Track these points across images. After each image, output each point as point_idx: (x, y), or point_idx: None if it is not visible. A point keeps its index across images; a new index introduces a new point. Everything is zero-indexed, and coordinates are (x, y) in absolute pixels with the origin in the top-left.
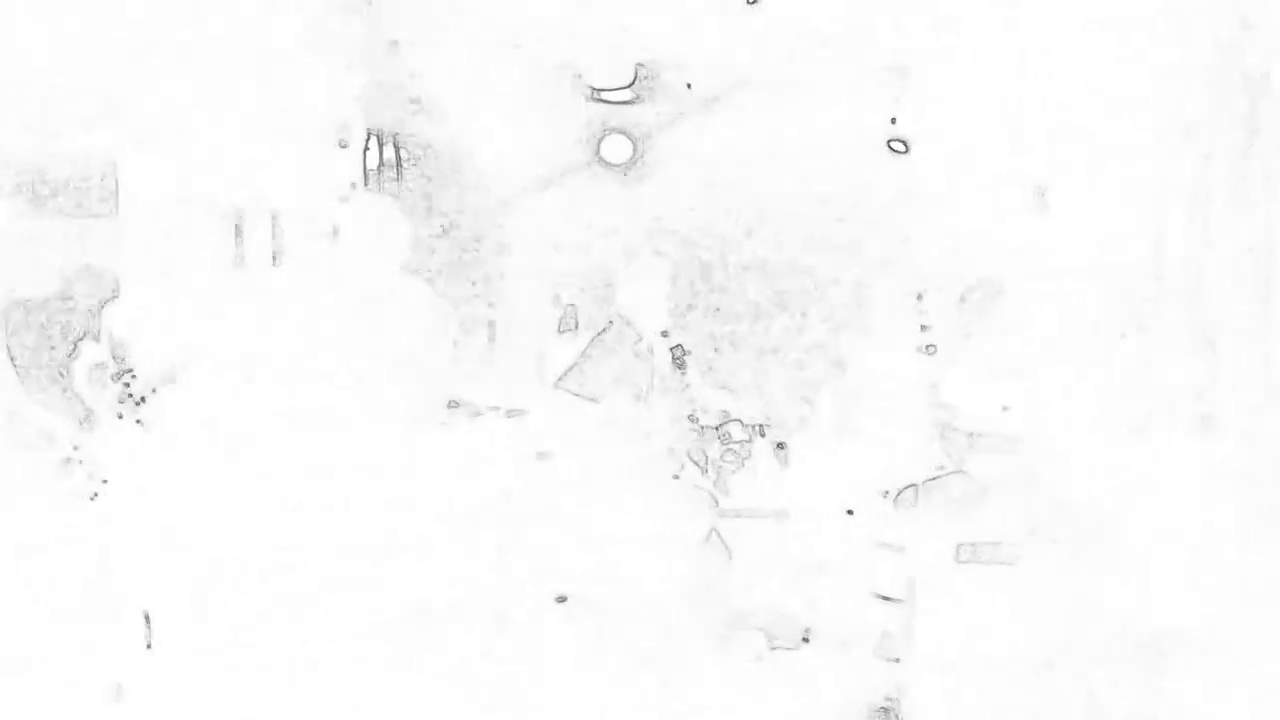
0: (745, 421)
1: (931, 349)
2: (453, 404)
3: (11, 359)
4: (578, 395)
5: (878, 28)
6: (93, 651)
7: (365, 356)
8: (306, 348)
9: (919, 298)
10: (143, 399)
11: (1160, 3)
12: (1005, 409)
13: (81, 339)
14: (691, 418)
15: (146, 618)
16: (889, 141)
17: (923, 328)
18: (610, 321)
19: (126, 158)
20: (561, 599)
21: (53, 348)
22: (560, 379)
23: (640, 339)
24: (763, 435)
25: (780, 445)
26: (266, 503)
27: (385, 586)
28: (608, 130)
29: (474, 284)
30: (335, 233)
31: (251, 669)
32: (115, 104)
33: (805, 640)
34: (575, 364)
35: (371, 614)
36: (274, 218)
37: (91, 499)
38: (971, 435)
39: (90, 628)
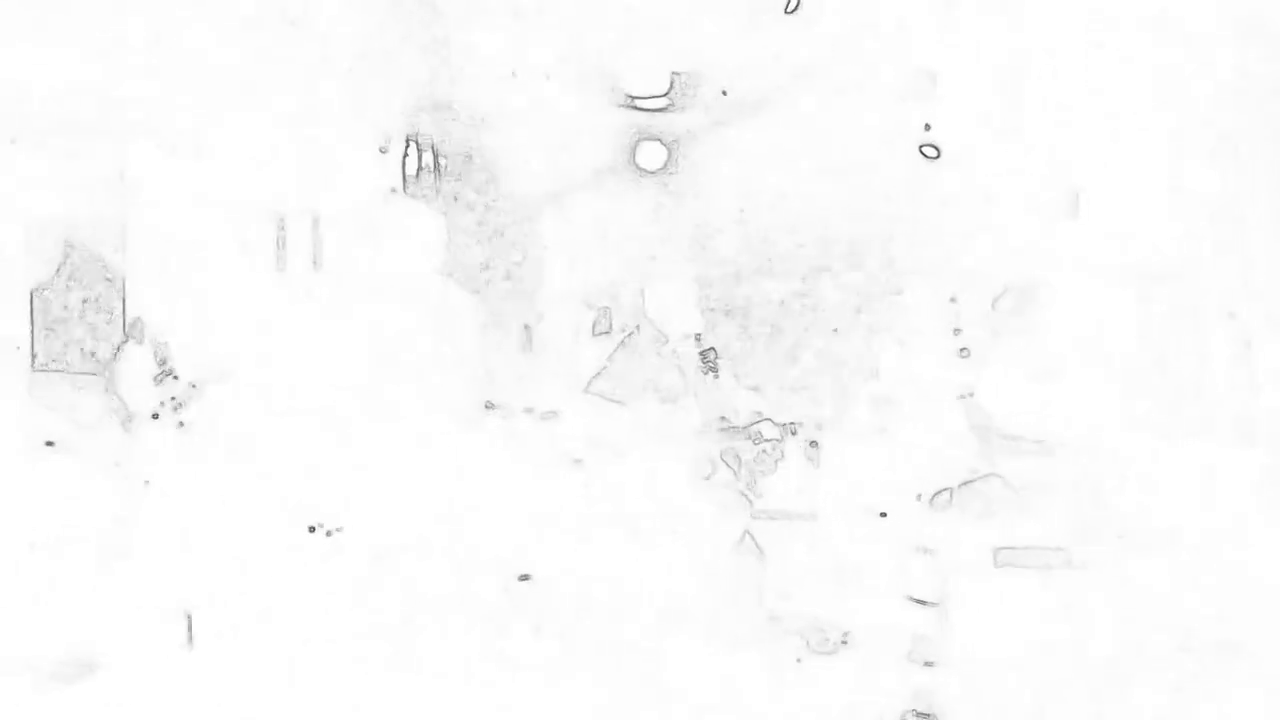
0: (776, 421)
1: (965, 352)
2: (489, 405)
3: (54, 361)
4: (607, 399)
5: (911, 35)
6: (136, 649)
7: (403, 358)
8: (345, 350)
9: (953, 301)
10: (184, 401)
11: (1195, 8)
12: (1040, 412)
13: (124, 342)
14: (723, 420)
15: (189, 617)
16: (921, 147)
17: (956, 331)
18: (637, 325)
19: (171, 163)
20: (524, 577)
21: (94, 353)
22: (589, 383)
23: (667, 341)
24: (794, 434)
25: (813, 444)
26: (306, 502)
27: (421, 585)
28: (642, 136)
29: (510, 287)
30: (375, 237)
31: (291, 666)
32: (161, 109)
33: (844, 643)
34: (604, 368)
35: (408, 611)
36: (315, 222)
37: (134, 499)
38: (1006, 438)
39: (133, 626)
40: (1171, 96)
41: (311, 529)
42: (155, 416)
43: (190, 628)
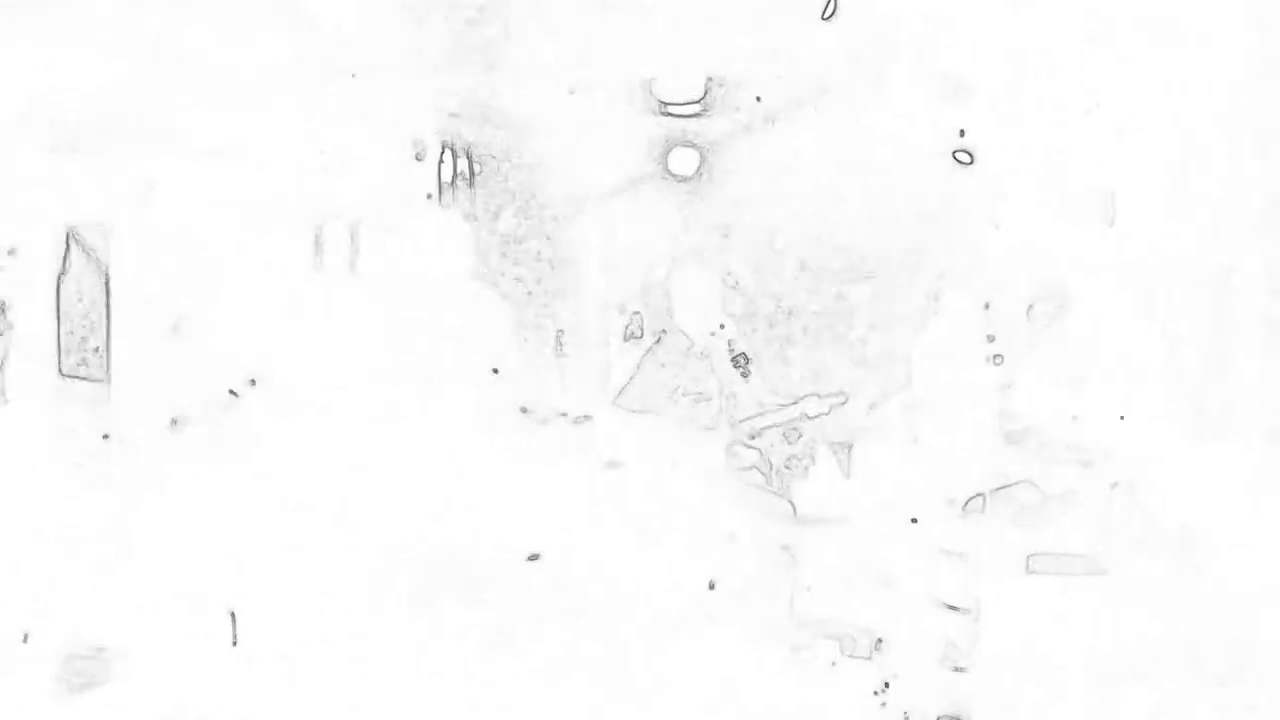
0: (810, 415)
1: (999, 359)
2: (523, 410)
3: (82, 365)
4: (636, 411)
5: (945, 41)
6: (180, 647)
7: (438, 363)
8: (381, 354)
9: (986, 307)
10: (220, 404)
11: (1230, 12)
12: (1074, 419)
13: (162, 347)
14: (754, 426)
15: (232, 615)
16: (954, 153)
17: (990, 338)
18: (663, 331)
19: (209, 168)
20: (534, 557)
21: (139, 354)
22: (617, 396)
23: (692, 345)
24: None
25: (843, 445)
26: (342, 505)
27: (454, 589)
28: (675, 143)
29: (543, 292)
30: (410, 242)
31: (333, 665)
32: (199, 115)
33: (878, 649)
34: (630, 380)
35: (441, 614)
36: (352, 227)
37: (178, 500)
38: (1040, 445)
39: (178, 624)
40: (1207, 101)
41: (344, 532)
42: (190, 420)
43: (234, 626)
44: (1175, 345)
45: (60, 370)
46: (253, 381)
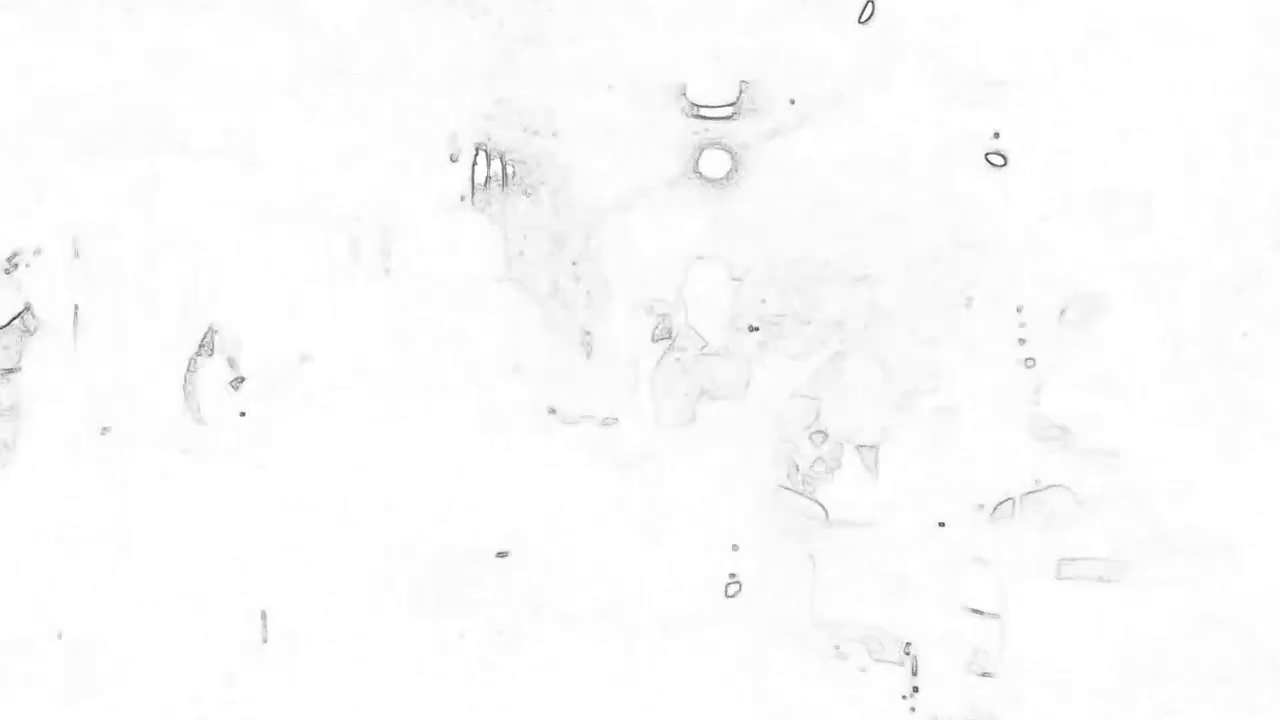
0: (833, 433)
1: (1031, 362)
2: (551, 411)
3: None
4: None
5: (980, 43)
6: (210, 644)
7: (468, 364)
8: (414, 355)
9: (1018, 310)
10: (257, 404)
11: (1266, 16)
12: (1105, 423)
13: (199, 351)
14: (782, 428)
15: (263, 614)
16: (987, 155)
17: (1021, 341)
18: (674, 334)
19: (245, 170)
20: (502, 554)
21: (172, 353)
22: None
23: (706, 344)
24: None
25: (870, 447)
26: (373, 504)
27: (485, 589)
28: (706, 145)
29: (574, 294)
30: (443, 244)
31: (362, 664)
32: (236, 120)
33: (906, 653)
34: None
35: (472, 614)
36: (385, 229)
37: (212, 499)
38: (1071, 449)
39: (208, 621)
40: (1241, 107)
41: (369, 531)
42: (235, 421)
43: (265, 625)
44: (1208, 350)
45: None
46: (271, 388)
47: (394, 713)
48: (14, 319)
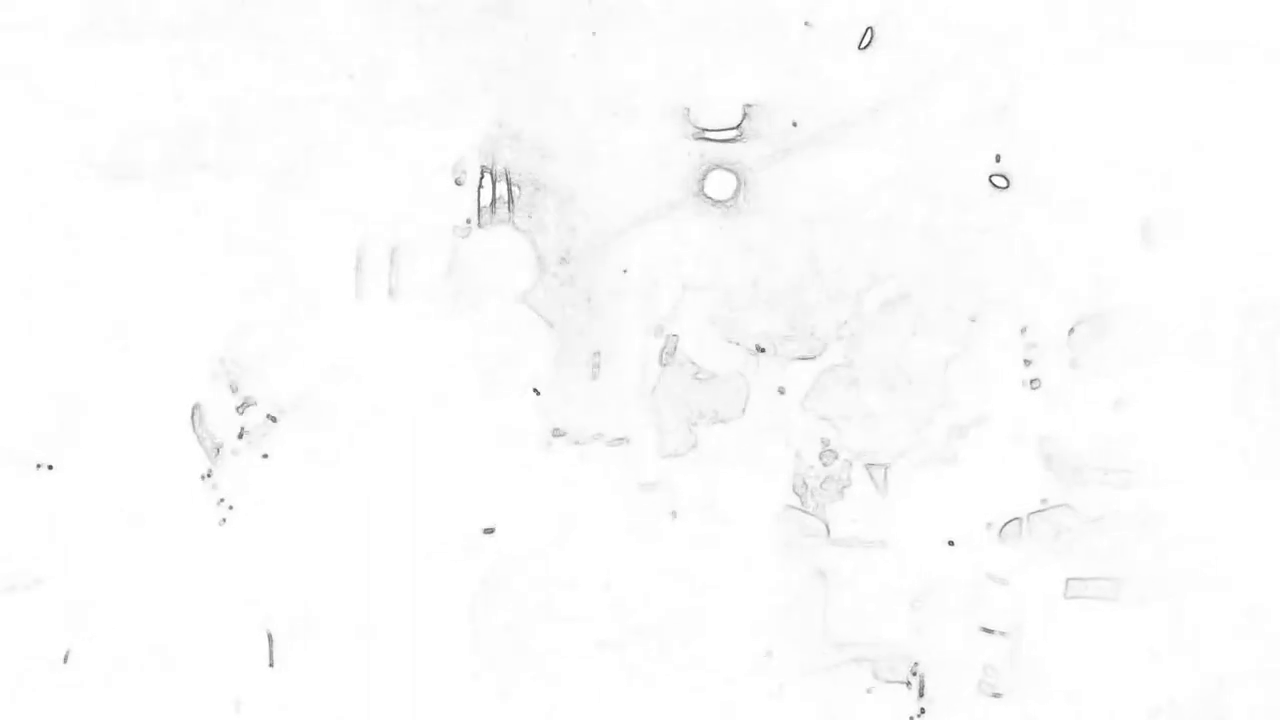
0: (842, 453)
1: (1036, 383)
2: (557, 432)
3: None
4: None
5: (981, 66)
6: (218, 668)
7: (475, 386)
8: (420, 378)
9: (1024, 331)
10: (264, 430)
11: (1264, 34)
12: (1112, 442)
13: (211, 370)
14: (791, 447)
15: (270, 637)
16: (991, 177)
17: (1027, 362)
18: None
19: (249, 194)
20: (489, 530)
21: (180, 380)
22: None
23: (699, 370)
24: (864, 467)
25: (880, 466)
26: (381, 528)
27: (492, 610)
28: (712, 166)
29: (580, 315)
30: (449, 266)
31: (369, 688)
32: (240, 143)
33: (914, 673)
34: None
35: (477, 632)
36: (392, 252)
37: (221, 524)
38: (1077, 468)
39: (216, 645)
40: (1246, 128)
41: (376, 551)
42: (241, 447)
43: (271, 649)
44: (1213, 369)
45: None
46: (279, 412)
47: None
48: None
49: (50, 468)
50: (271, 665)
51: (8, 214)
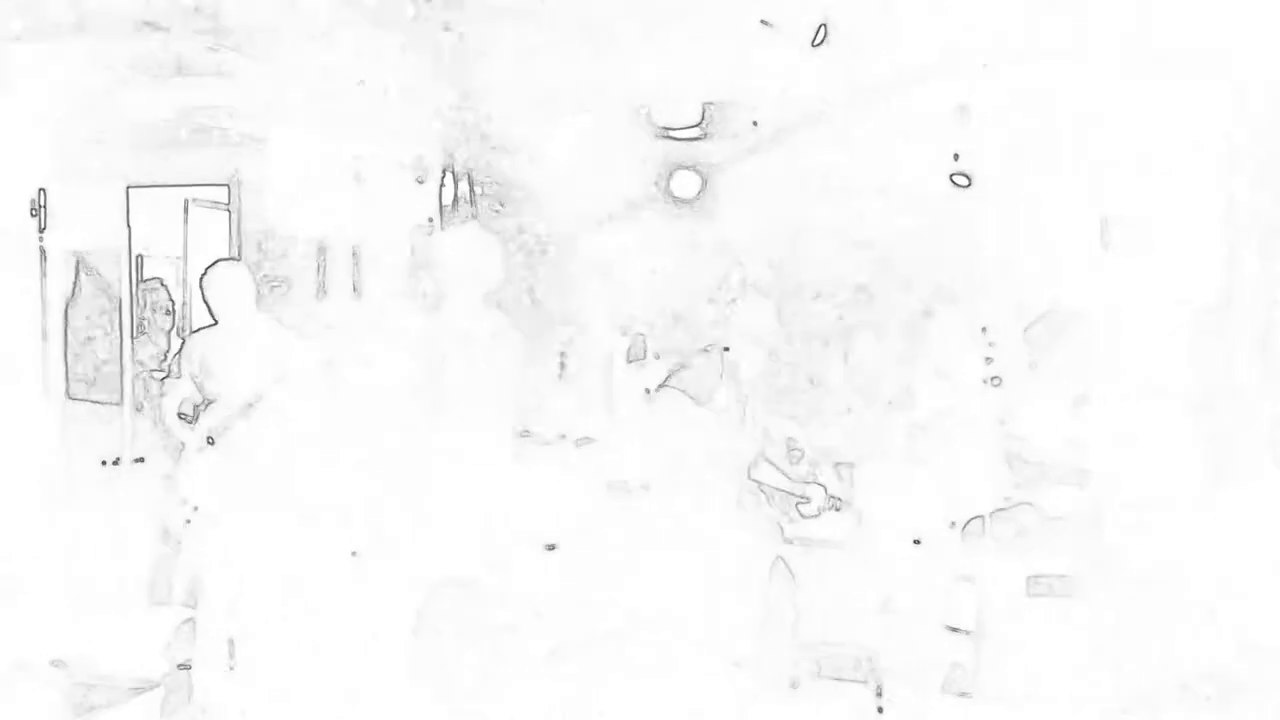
0: (807, 451)
1: (997, 380)
2: (523, 433)
3: (90, 390)
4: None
5: (940, 65)
6: (178, 673)
7: (439, 386)
8: (383, 377)
9: (984, 330)
10: (225, 429)
11: (1230, 37)
12: (1072, 441)
13: (169, 373)
14: (758, 446)
15: (230, 641)
16: (952, 176)
17: (988, 360)
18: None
19: (209, 192)
20: (551, 547)
21: (143, 381)
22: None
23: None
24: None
25: (845, 466)
26: (344, 528)
27: (453, 608)
28: (676, 166)
29: (545, 315)
30: (412, 265)
31: (331, 690)
32: (203, 142)
33: (873, 671)
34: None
35: (441, 634)
36: (354, 251)
37: (186, 524)
38: (1039, 466)
39: (177, 648)
40: (1204, 125)
41: (353, 554)
42: (205, 447)
43: (232, 652)
44: (1172, 367)
45: (67, 394)
46: (251, 405)
47: None
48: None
49: None
50: (232, 669)
51: None
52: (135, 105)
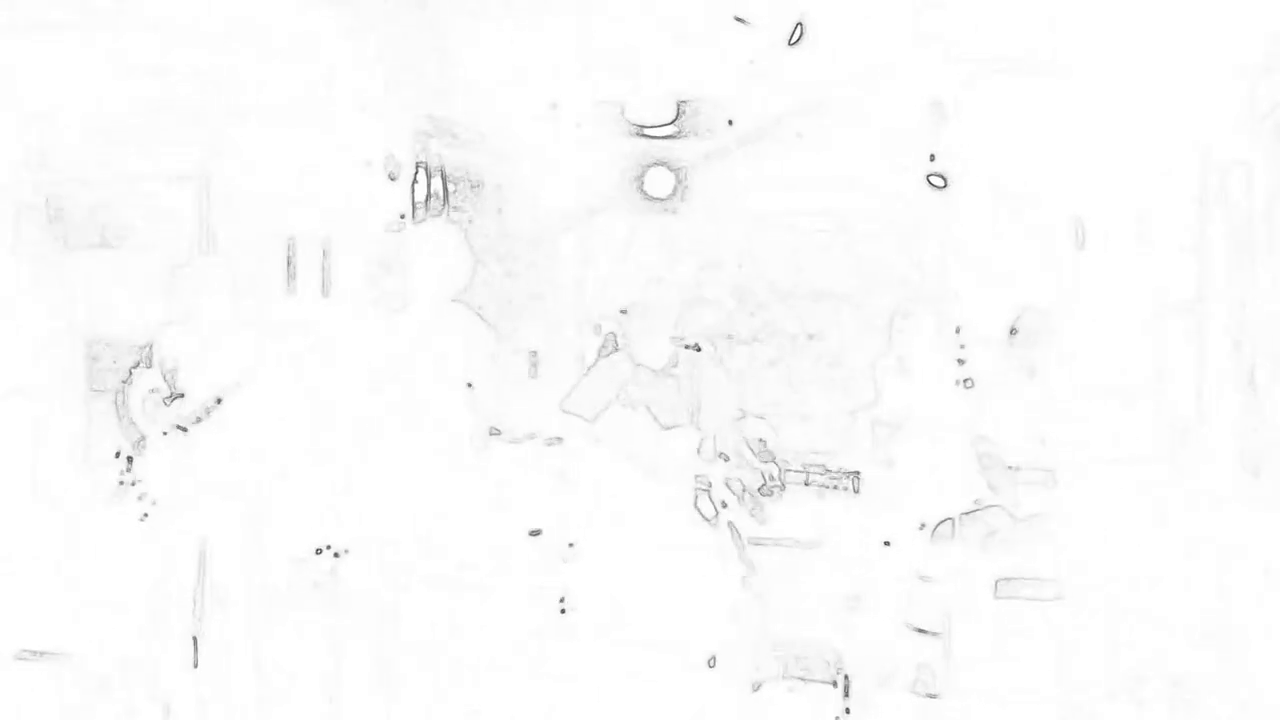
0: (779, 452)
1: (969, 382)
2: (493, 431)
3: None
4: (577, 415)
5: (916, 66)
6: (142, 670)
7: (409, 383)
8: (353, 374)
9: (957, 331)
10: (193, 423)
11: (1207, 40)
12: (1043, 443)
13: (135, 365)
14: (729, 445)
15: (194, 639)
16: (928, 176)
17: (960, 361)
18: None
19: (182, 190)
20: (535, 532)
21: (108, 374)
22: (564, 400)
23: (639, 365)
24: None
25: (816, 470)
26: (311, 525)
27: (421, 607)
28: (650, 164)
29: (517, 313)
30: (383, 262)
31: (296, 688)
32: (173, 137)
33: (841, 673)
34: (576, 386)
35: (406, 634)
36: (324, 247)
37: (142, 519)
38: (1009, 469)
39: (140, 646)
40: (1179, 130)
41: (318, 551)
42: (164, 435)
43: (196, 649)
44: (1146, 371)
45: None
46: (219, 400)
47: None
48: None
49: None
50: (196, 666)
51: None
52: (103, 99)
